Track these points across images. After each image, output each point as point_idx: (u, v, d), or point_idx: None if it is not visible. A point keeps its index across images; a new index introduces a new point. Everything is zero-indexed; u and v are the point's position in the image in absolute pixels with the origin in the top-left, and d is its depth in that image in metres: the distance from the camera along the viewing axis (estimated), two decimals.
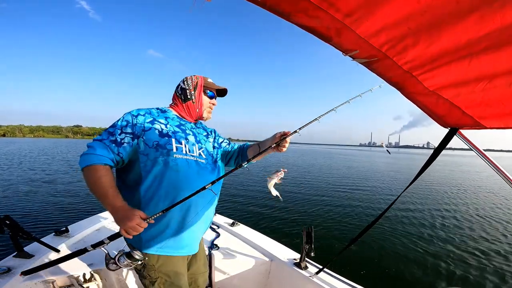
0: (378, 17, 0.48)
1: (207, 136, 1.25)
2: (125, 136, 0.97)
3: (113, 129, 0.97)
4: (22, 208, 5.67)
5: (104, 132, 0.98)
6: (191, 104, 1.13)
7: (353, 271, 3.35)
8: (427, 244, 4.42)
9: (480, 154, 1.04)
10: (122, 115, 1.02)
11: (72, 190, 7.75)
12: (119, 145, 0.95)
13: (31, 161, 16.12)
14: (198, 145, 1.12)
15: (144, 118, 1.01)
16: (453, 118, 0.92)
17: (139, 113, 1.03)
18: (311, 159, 28.16)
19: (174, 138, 1.03)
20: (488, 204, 7.77)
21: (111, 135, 0.96)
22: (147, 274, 1.01)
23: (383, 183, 11.46)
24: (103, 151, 0.93)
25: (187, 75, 1.16)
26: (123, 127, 0.98)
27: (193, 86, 1.12)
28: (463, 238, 4.83)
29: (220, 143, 1.31)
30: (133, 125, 0.99)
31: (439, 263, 3.77)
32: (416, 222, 5.66)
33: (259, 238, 2.09)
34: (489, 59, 0.55)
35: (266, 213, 5.87)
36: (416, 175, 1.21)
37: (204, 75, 1.20)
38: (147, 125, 1.01)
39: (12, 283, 1.29)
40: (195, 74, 1.16)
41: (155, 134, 1.00)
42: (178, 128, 1.09)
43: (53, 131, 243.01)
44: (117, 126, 0.98)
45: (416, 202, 7.60)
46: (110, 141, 0.95)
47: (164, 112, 1.11)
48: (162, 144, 1.00)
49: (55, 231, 1.89)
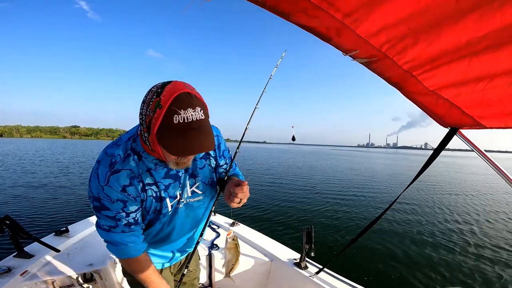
0: (378, 16, 0.48)
1: (205, 157, 0.96)
2: (133, 210, 0.80)
3: (112, 214, 0.77)
4: (22, 208, 5.68)
5: (105, 220, 0.79)
6: (150, 152, 0.76)
7: (353, 271, 3.35)
8: (427, 244, 4.42)
9: (481, 154, 1.04)
10: (108, 192, 0.74)
11: (72, 190, 7.75)
12: (134, 218, 0.82)
13: (31, 161, 16.13)
14: (189, 182, 0.90)
15: (134, 189, 0.77)
16: (453, 118, 0.92)
17: (124, 183, 0.75)
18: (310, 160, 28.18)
19: (168, 197, 0.85)
20: (489, 204, 7.76)
21: (117, 220, 0.79)
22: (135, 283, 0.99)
23: (383, 184, 11.46)
24: (126, 236, 0.82)
25: (154, 85, 0.67)
26: (124, 208, 0.78)
27: (146, 124, 0.66)
28: (463, 238, 4.83)
29: (220, 165, 1.01)
30: (133, 199, 0.79)
31: (439, 263, 3.77)
32: (416, 222, 5.66)
33: (259, 238, 2.09)
34: (489, 59, 0.55)
35: (266, 213, 5.87)
36: (416, 175, 1.21)
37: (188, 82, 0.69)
38: (143, 195, 0.81)
39: (12, 283, 1.29)
40: (167, 85, 0.64)
41: (151, 202, 0.83)
42: (169, 177, 0.85)
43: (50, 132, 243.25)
44: (113, 207, 0.76)
45: (417, 202, 7.60)
46: (124, 224, 0.80)
47: (141, 159, 0.79)
48: (158, 209, 0.86)
49: (55, 231, 1.90)
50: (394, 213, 6.17)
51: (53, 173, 11.10)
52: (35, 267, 1.46)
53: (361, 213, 6.26)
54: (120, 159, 0.76)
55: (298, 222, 5.37)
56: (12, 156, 19.03)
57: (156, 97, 0.63)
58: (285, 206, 6.57)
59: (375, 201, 7.66)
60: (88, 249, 1.77)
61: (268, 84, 1.31)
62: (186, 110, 0.62)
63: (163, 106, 0.61)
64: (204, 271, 1.85)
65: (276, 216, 5.67)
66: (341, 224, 5.35)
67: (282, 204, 6.74)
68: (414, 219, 5.83)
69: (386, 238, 4.62)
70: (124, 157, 0.77)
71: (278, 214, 5.81)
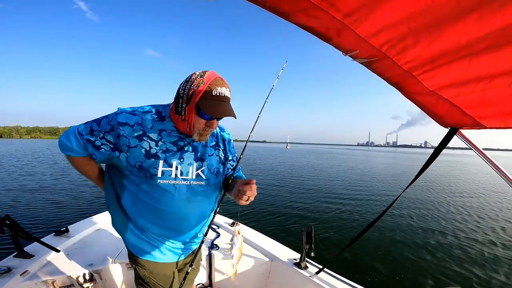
0: (378, 17, 0.48)
1: (215, 147, 1.06)
2: (106, 143, 0.87)
3: (96, 127, 0.87)
4: (22, 208, 5.68)
5: (87, 125, 0.88)
6: (180, 121, 0.89)
7: (353, 271, 3.35)
8: (427, 244, 4.42)
9: (480, 154, 1.04)
10: (111, 115, 0.89)
11: (72, 190, 7.75)
12: (96, 148, 0.88)
13: (31, 161, 16.13)
14: (197, 164, 0.96)
15: (131, 131, 0.86)
16: (453, 118, 0.92)
17: (127, 122, 0.86)
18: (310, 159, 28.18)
19: (163, 160, 0.89)
20: (490, 205, 7.76)
21: (91, 135, 0.87)
22: (140, 276, 1.03)
23: (383, 183, 11.46)
24: (78, 147, 0.88)
25: (197, 71, 0.87)
26: (106, 133, 0.86)
27: (187, 96, 0.84)
28: (463, 238, 4.83)
29: (228, 160, 1.12)
30: (117, 136, 0.85)
31: (439, 263, 3.77)
32: (416, 222, 5.66)
33: (259, 238, 2.09)
34: (489, 59, 0.55)
35: (266, 213, 5.87)
36: (416, 175, 1.21)
37: (217, 71, 0.92)
38: (133, 141, 0.86)
39: (12, 283, 1.29)
40: (207, 71, 0.86)
41: (140, 153, 0.87)
42: (173, 145, 0.92)
43: (50, 132, 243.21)
44: (101, 126, 0.87)
45: (417, 202, 7.60)
46: (87, 140, 0.87)
47: (163, 121, 0.92)
48: (145, 166, 0.88)
49: (55, 231, 1.90)
50: (394, 213, 6.17)
51: (53, 174, 11.10)
52: (35, 267, 1.46)
53: (361, 213, 6.26)
54: (142, 111, 0.91)
55: (298, 222, 5.37)
56: (12, 156, 19.03)
57: (200, 77, 0.84)
58: (285, 206, 6.57)
59: (375, 201, 7.66)
60: (88, 249, 1.77)
61: (270, 94, 1.27)
62: (221, 87, 0.85)
63: (206, 83, 0.83)
64: (204, 271, 1.85)
65: (276, 216, 5.67)
66: (341, 224, 5.35)
67: (282, 204, 6.74)
68: (414, 219, 5.84)
69: (386, 238, 4.62)
70: (147, 111, 0.92)
71: (278, 214, 5.81)
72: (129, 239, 0.99)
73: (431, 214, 6.38)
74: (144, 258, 1.00)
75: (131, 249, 1.01)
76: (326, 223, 5.38)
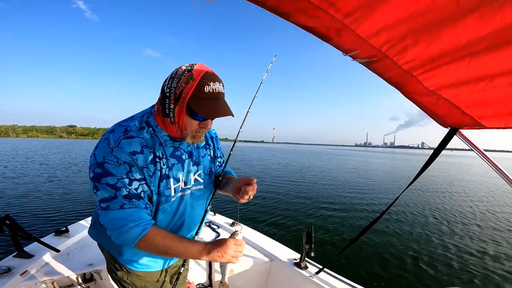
0: (378, 17, 0.48)
1: (206, 147, 1.01)
2: (139, 184, 0.75)
3: (114, 179, 0.71)
4: (22, 208, 5.68)
5: (103, 191, 0.71)
6: (169, 124, 0.78)
7: (353, 271, 3.35)
8: (428, 244, 4.42)
9: (480, 154, 1.04)
10: (109, 155, 0.71)
11: (72, 190, 7.75)
12: (139, 197, 0.75)
13: (30, 161, 16.13)
14: (194, 169, 0.92)
15: (144, 158, 0.75)
16: (453, 118, 0.92)
17: (134, 149, 0.74)
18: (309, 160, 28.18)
19: (172, 178, 0.83)
20: (490, 205, 7.76)
21: (117, 190, 0.71)
22: (131, 283, 0.97)
23: (383, 183, 11.46)
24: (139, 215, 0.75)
25: (183, 65, 0.76)
26: (129, 174, 0.72)
27: (175, 95, 0.73)
28: (464, 238, 4.83)
29: (217, 157, 1.07)
30: (140, 168, 0.75)
31: (439, 263, 3.77)
32: (416, 222, 5.66)
33: (259, 238, 2.09)
34: (489, 59, 0.55)
35: (266, 213, 5.87)
36: (416, 175, 1.21)
37: (208, 65, 0.76)
38: (151, 166, 0.77)
39: (12, 283, 1.29)
40: (194, 65, 0.74)
41: (158, 177, 0.80)
42: (174, 157, 0.85)
43: (47, 131, 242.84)
44: (117, 173, 0.71)
45: (417, 202, 7.60)
46: (124, 197, 0.72)
47: (155, 132, 0.81)
48: (161, 191, 0.81)
49: (55, 231, 1.90)
50: (394, 213, 6.17)
51: (52, 174, 11.10)
52: (35, 267, 1.46)
53: (361, 213, 6.26)
54: (136, 129, 0.78)
55: (298, 222, 5.37)
56: (12, 157, 19.03)
57: (188, 72, 0.73)
58: (285, 206, 6.57)
59: (375, 201, 7.66)
60: (88, 249, 1.77)
61: (259, 88, 1.31)
62: (214, 83, 0.73)
63: (196, 79, 0.71)
64: (204, 271, 1.85)
65: (276, 216, 5.67)
66: (341, 224, 5.35)
67: (282, 204, 6.73)
68: (414, 219, 5.84)
69: (386, 238, 4.62)
70: (139, 127, 0.79)
71: (278, 214, 5.81)
72: (124, 252, 0.91)
73: (431, 214, 6.38)
74: (139, 270, 0.95)
75: (121, 262, 0.93)
76: (326, 223, 5.38)
